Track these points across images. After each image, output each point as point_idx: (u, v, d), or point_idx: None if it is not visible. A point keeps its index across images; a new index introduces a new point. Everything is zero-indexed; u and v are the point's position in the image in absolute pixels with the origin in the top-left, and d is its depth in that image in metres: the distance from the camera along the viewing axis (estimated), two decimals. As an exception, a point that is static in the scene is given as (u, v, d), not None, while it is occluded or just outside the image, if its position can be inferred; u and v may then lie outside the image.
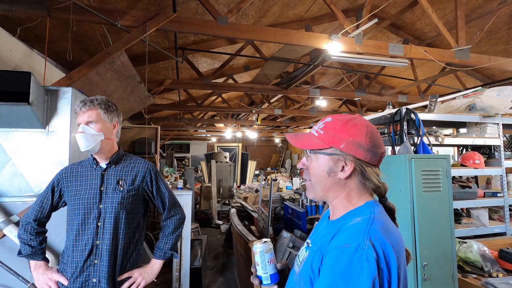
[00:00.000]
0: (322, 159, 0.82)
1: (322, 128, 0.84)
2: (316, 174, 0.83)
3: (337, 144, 0.80)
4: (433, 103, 2.61)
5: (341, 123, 0.81)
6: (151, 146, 5.11)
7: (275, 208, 5.16)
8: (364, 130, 0.80)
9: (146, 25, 2.79)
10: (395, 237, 0.73)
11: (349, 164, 0.79)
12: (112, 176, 1.42)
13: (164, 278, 3.53)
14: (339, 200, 0.83)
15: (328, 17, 5.05)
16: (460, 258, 2.11)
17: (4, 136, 1.85)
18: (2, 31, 2.69)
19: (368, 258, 0.65)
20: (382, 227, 0.72)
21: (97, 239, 1.34)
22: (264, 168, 15.37)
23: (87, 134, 1.35)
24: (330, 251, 0.72)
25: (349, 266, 0.65)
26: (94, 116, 1.38)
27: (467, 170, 2.59)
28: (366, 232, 0.70)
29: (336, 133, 0.80)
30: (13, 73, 1.82)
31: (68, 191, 1.40)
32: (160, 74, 5.89)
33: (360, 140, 0.79)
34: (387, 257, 0.67)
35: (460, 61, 3.72)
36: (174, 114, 9.60)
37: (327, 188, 0.82)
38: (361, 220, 0.74)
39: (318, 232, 0.89)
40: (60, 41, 3.65)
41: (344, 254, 0.67)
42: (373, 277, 0.64)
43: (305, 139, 0.86)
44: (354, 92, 6.31)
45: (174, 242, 1.53)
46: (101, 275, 1.33)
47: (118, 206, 1.37)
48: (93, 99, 1.41)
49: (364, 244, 0.67)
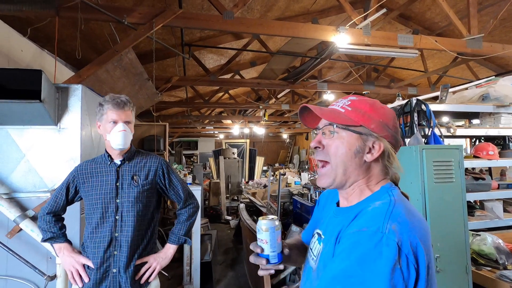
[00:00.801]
0: (349, 137, 0.73)
1: (349, 105, 0.76)
2: (340, 153, 0.74)
3: (368, 123, 0.73)
4: (444, 93, 2.55)
5: (369, 103, 0.76)
6: (160, 143, 5.16)
7: (284, 203, 5.17)
8: (392, 113, 0.77)
9: (153, 22, 2.80)
10: (420, 220, 0.67)
11: (377, 146, 0.73)
12: (126, 172, 1.47)
13: (175, 273, 3.59)
14: (357, 185, 0.76)
15: (335, 9, 4.97)
16: (474, 250, 2.07)
17: (18, 134, 1.89)
18: (13, 32, 2.75)
19: (388, 242, 0.59)
20: (405, 210, 0.66)
21: (116, 232, 1.40)
22: (272, 164, 15.36)
23: (127, 132, 1.43)
24: (346, 235, 0.67)
25: (366, 251, 0.60)
26: (130, 116, 1.47)
27: (480, 161, 2.52)
28: (388, 215, 0.64)
29: (367, 112, 0.74)
30: (25, 72, 1.86)
31: (84, 187, 1.46)
32: (167, 71, 5.93)
33: (389, 122, 0.74)
34: (412, 242, 0.60)
35: (472, 50, 3.62)
36: (181, 111, 9.67)
37: (351, 171, 0.74)
38: (381, 204, 0.68)
39: (328, 222, 0.83)
40: (69, 40, 3.70)
41: (361, 238, 0.62)
42: (393, 263, 0.57)
43: (332, 113, 0.76)
44: (362, 86, 6.22)
45: (188, 228, 1.60)
46: (120, 265, 1.39)
47: (134, 200, 1.43)
48: (128, 100, 1.47)
49: (385, 227, 0.61)
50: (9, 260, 1.80)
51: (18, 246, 1.76)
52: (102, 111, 1.43)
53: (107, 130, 1.42)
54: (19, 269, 1.79)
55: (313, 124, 0.84)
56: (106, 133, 1.43)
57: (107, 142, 1.46)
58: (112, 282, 1.38)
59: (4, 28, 2.63)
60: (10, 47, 2.70)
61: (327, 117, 0.76)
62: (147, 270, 1.46)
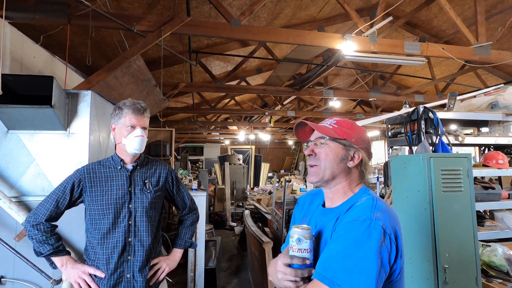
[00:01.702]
0: (336, 147, 0.94)
1: (335, 123, 0.98)
2: (328, 159, 0.93)
3: (350, 138, 0.94)
4: (452, 101, 2.53)
5: (350, 123, 0.99)
6: (166, 148, 5.20)
7: (289, 210, 5.13)
8: (365, 132, 1.00)
9: (161, 29, 2.86)
10: (394, 213, 0.87)
11: (357, 155, 0.94)
12: (138, 177, 1.48)
13: (179, 279, 3.57)
14: (342, 187, 0.94)
15: (341, 17, 5.00)
16: (484, 262, 2.02)
17: (28, 138, 1.93)
18: (27, 39, 2.83)
19: (375, 226, 0.78)
20: (384, 204, 0.87)
21: (129, 237, 1.40)
22: (278, 171, 15.31)
23: (144, 138, 1.45)
24: (342, 224, 0.83)
25: (359, 234, 0.77)
26: (147, 123, 1.49)
27: (490, 170, 2.48)
28: (373, 207, 0.83)
29: (348, 129, 0.96)
30: (36, 78, 1.91)
31: (92, 191, 1.42)
32: (175, 78, 6.00)
33: (364, 138, 0.97)
34: (393, 226, 0.81)
35: (481, 58, 3.59)
36: (188, 117, 9.75)
37: (336, 174, 0.93)
38: (367, 200, 0.88)
39: (316, 220, 0.97)
40: (79, 47, 3.79)
41: (355, 224, 0.80)
42: (379, 241, 0.76)
43: (324, 128, 0.97)
44: (368, 93, 6.21)
45: (192, 233, 1.67)
46: (134, 270, 1.39)
47: (148, 206, 1.45)
48: (147, 106, 1.50)
49: (372, 215, 0.80)
50: (16, 263, 1.81)
51: (25, 250, 1.77)
52: (121, 114, 1.43)
53: (123, 134, 1.42)
54: (26, 272, 1.80)
55: (304, 138, 1.05)
56: (122, 137, 1.42)
57: (120, 145, 1.45)
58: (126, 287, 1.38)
59: (18, 36, 2.71)
60: (23, 54, 2.77)
61: (322, 131, 0.96)
62: (156, 271, 1.49)
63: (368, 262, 0.75)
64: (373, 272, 0.74)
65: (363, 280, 0.73)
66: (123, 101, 1.46)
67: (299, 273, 0.81)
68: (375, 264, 0.75)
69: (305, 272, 0.81)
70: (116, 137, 1.46)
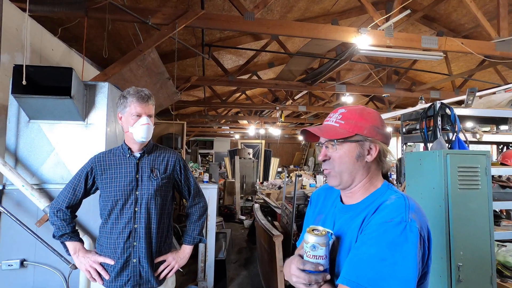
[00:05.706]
0: (349, 146, 0.86)
1: (341, 119, 0.88)
2: (343, 162, 0.86)
3: (361, 130, 0.85)
4: (471, 97, 2.46)
5: (357, 112, 0.88)
6: (178, 141, 5.27)
7: (299, 205, 5.13)
8: (377, 115, 0.89)
9: (176, 22, 2.87)
10: (423, 210, 0.81)
11: (374, 147, 0.85)
12: (146, 164, 1.49)
13: (190, 269, 3.64)
14: (363, 183, 0.87)
15: (356, 10, 4.90)
16: (499, 261, 1.98)
17: (49, 128, 1.99)
18: (45, 32, 2.90)
19: (412, 229, 0.72)
20: (415, 202, 0.80)
21: (135, 223, 1.43)
22: (287, 166, 15.29)
23: (150, 126, 1.45)
24: (372, 225, 0.76)
25: (395, 237, 0.71)
26: (152, 110, 1.49)
27: (508, 169, 2.41)
28: (407, 208, 0.76)
29: (357, 121, 0.86)
30: (57, 69, 1.96)
31: (102, 178, 1.46)
32: (187, 71, 6.04)
33: (377, 124, 0.87)
34: (425, 228, 0.76)
35: (502, 53, 3.47)
36: (199, 110, 9.81)
37: (355, 173, 0.86)
38: (397, 198, 0.80)
39: (336, 218, 0.90)
40: (95, 40, 3.85)
41: (389, 227, 0.73)
42: (417, 245, 0.71)
43: (330, 130, 0.88)
44: (382, 88, 6.09)
45: (201, 228, 1.64)
46: (140, 255, 1.43)
47: (154, 193, 1.46)
48: (151, 94, 1.49)
49: (407, 217, 0.74)
50: (37, 248, 1.89)
51: (46, 235, 1.84)
52: (126, 103, 1.43)
53: (129, 123, 1.42)
54: (46, 256, 1.88)
55: (314, 139, 0.95)
56: (129, 126, 1.43)
57: (128, 134, 1.46)
58: (132, 272, 1.42)
59: (38, 28, 2.77)
60: (42, 46, 2.84)
61: (327, 136, 0.87)
62: (165, 268, 1.50)
63: (406, 268, 0.69)
64: (412, 279, 0.68)
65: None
66: (127, 90, 1.46)
67: (313, 278, 0.78)
68: (414, 270, 0.69)
69: (319, 278, 0.78)
70: (123, 126, 1.47)
